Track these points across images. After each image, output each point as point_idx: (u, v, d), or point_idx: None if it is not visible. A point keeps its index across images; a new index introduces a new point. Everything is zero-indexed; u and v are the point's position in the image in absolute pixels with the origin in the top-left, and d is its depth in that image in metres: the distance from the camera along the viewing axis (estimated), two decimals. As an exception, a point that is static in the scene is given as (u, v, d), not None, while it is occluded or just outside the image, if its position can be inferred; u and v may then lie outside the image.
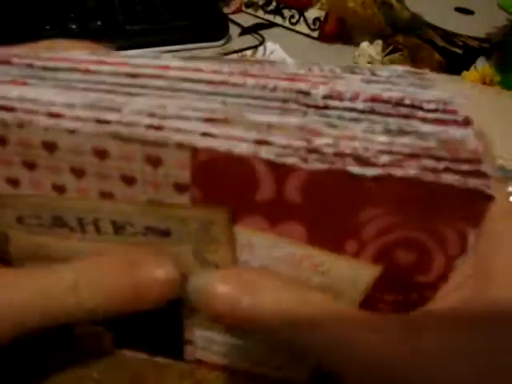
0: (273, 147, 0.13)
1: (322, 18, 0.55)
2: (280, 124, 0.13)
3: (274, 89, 0.14)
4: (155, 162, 0.14)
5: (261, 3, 0.60)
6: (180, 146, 0.13)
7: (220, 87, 0.14)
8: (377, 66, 0.50)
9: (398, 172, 0.13)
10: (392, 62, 0.49)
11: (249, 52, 0.50)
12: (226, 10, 0.60)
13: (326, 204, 0.14)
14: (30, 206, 0.16)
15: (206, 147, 0.13)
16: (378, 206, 0.14)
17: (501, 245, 0.16)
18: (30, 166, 0.15)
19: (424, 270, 0.15)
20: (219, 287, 0.16)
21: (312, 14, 0.56)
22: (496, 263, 0.16)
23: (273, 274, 0.17)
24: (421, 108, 0.14)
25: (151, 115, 0.14)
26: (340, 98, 0.14)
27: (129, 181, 0.15)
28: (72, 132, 0.14)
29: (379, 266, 0.15)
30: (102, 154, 0.14)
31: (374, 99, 0.14)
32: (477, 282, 0.16)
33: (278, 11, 0.59)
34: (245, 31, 0.57)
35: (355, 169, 0.13)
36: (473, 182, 0.13)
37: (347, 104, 0.14)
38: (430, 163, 0.13)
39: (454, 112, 0.14)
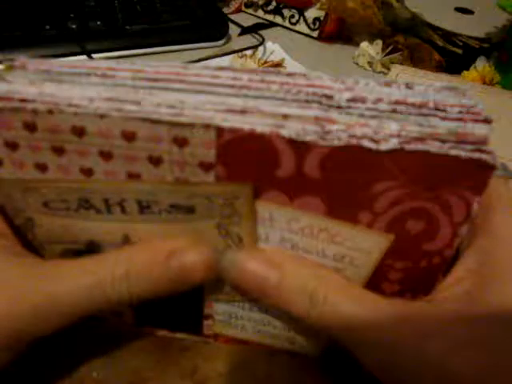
0: (291, 129, 0.14)
1: (321, 18, 0.55)
2: (296, 114, 0.14)
3: (298, 93, 0.15)
4: (182, 142, 0.15)
5: (261, 3, 0.60)
6: (206, 126, 0.14)
7: (242, 90, 0.15)
8: (378, 65, 0.50)
9: (410, 147, 0.14)
10: (392, 62, 0.49)
11: (249, 52, 0.50)
12: (225, 10, 0.60)
13: (342, 178, 0.15)
14: (56, 190, 0.17)
15: (230, 127, 0.14)
16: (391, 178, 0.15)
17: (502, 240, 0.16)
18: (59, 151, 0.16)
19: (432, 238, 0.16)
20: (249, 264, 0.18)
21: (312, 13, 0.56)
22: (498, 258, 0.16)
23: (298, 256, 0.18)
24: (444, 111, 0.15)
25: (170, 107, 0.14)
26: (363, 101, 0.15)
27: (156, 161, 0.16)
28: (102, 116, 0.15)
29: (391, 235, 0.16)
30: (130, 136, 0.15)
31: (397, 102, 0.15)
32: (479, 277, 0.16)
33: (277, 11, 0.59)
34: (245, 31, 0.57)
35: (371, 144, 0.14)
36: (477, 155, 0.14)
37: (370, 105, 0.15)
38: (436, 144, 0.14)
39: (476, 114, 0.15)
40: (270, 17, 0.60)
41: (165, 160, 0.15)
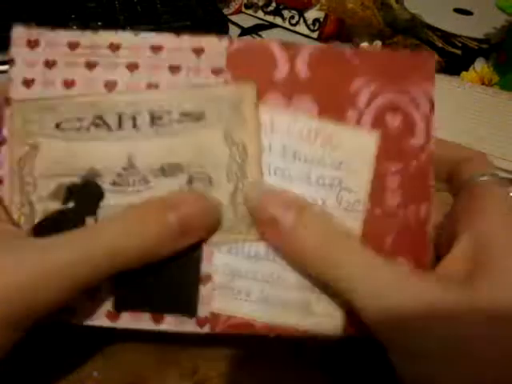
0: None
1: (321, 19, 0.55)
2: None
3: None
4: (199, 51, 0.19)
5: (261, 4, 0.60)
6: (220, 37, 0.19)
7: None
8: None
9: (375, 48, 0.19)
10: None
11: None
12: (226, 11, 0.60)
13: (326, 76, 0.19)
14: (74, 107, 0.19)
15: (239, 38, 0.20)
16: (363, 75, 0.19)
17: (497, 240, 0.17)
18: (91, 65, 0.19)
19: (411, 134, 0.20)
20: (269, 198, 0.18)
21: (311, 14, 0.56)
22: (492, 257, 0.17)
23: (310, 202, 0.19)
24: None
25: None
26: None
27: (175, 69, 0.19)
28: (136, 34, 0.19)
29: (377, 132, 0.19)
30: (158, 48, 0.19)
31: None
32: (477, 265, 0.17)
33: (277, 12, 0.59)
34: (245, 32, 0.57)
35: (345, 48, 0.19)
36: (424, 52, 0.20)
37: None
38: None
39: None
40: (269, 18, 0.60)
41: (183, 67, 0.19)
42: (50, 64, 0.19)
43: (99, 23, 0.49)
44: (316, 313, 0.19)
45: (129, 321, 0.19)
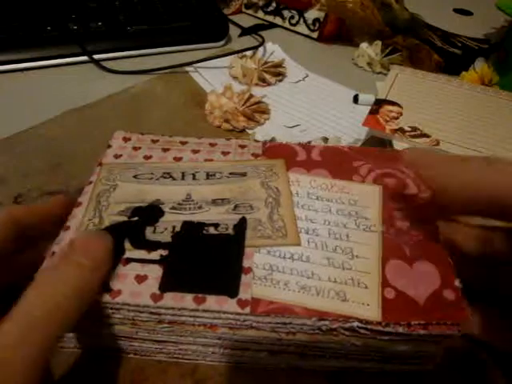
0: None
1: (321, 19, 0.55)
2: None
3: None
4: (243, 147, 0.28)
5: (261, 4, 0.60)
6: (257, 141, 0.29)
7: None
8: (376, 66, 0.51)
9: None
10: (391, 63, 0.50)
11: (249, 52, 0.50)
12: (226, 11, 0.60)
13: (334, 160, 0.27)
14: (149, 168, 0.26)
15: (271, 144, 0.28)
16: (360, 160, 0.27)
17: None
18: (166, 150, 0.27)
19: (406, 186, 0.25)
20: None
21: (311, 14, 0.56)
22: None
23: None
24: None
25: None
26: None
27: (226, 153, 0.27)
28: (199, 138, 0.29)
29: (379, 185, 0.25)
30: (213, 144, 0.28)
31: None
32: None
33: (277, 12, 0.59)
34: (245, 32, 0.57)
35: (344, 146, 0.29)
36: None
37: None
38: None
39: None
40: (270, 18, 0.60)
41: (231, 152, 0.27)
42: (135, 148, 0.27)
43: (99, 23, 0.49)
44: (352, 301, 0.20)
45: (171, 301, 0.20)
